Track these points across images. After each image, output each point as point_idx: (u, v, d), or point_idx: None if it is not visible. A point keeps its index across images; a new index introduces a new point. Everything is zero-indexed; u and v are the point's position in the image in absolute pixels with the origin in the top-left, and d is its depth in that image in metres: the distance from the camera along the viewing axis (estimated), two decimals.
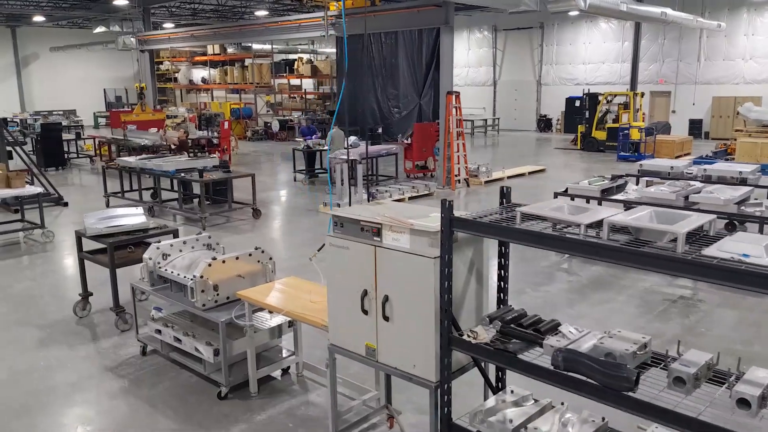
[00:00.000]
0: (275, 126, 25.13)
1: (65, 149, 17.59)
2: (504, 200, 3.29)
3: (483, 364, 3.34)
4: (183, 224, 10.44)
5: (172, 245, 5.15)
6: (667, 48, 24.40)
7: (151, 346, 5.37)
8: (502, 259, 3.38)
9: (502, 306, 3.40)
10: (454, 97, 13.33)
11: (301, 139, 15.46)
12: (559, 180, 15.11)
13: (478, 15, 27.49)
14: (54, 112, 27.14)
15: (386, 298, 3.28)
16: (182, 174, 10.39)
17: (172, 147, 14.23)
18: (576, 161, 18.38)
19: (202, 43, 24.77)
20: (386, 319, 3.30)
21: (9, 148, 11.97)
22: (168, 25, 26.79)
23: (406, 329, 3.23)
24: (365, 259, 3.37)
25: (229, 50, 29.04)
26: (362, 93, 25.08)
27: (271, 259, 4.99)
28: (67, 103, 31.18)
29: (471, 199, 12.71)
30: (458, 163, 13.69)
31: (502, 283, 3.42)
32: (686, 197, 7.53)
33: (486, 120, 28.30)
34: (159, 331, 5.05)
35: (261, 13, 24.88)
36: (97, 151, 18.54)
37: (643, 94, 20.02)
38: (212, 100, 29.91)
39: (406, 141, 14.80)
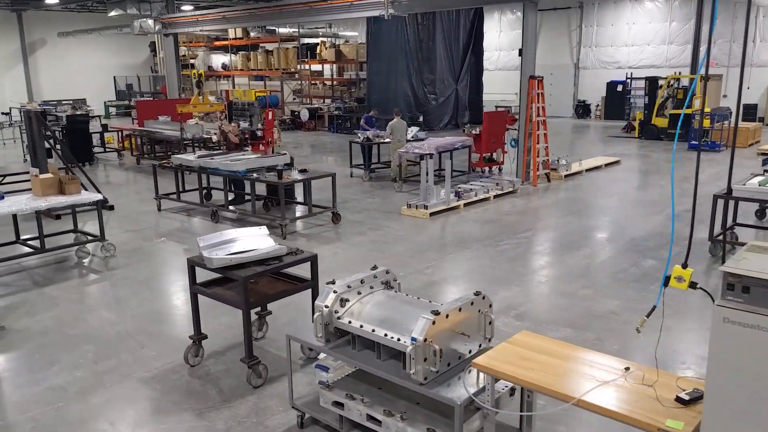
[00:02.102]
0: (304, 115, 23.70)
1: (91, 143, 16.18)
2: None
3: None
4: None
5: (349, 287, 3.86)
6: (719, 29, 23.01)
7: (308, 414, 4.12)
8: None
9: None
10: (537, 82, 12.02)
11: (359, 132, 14.11)
12: (640, 173, 13.87)
13: None
14: (63, 102, 25.53)
15: None
16: (254, 174, 9.03)
17: (221, 141, 12.93)
18: (642, 151, 17.10)
19: (235, 26, 23.19)
20: None
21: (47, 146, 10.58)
22: (186, 7, 25.21)
23: None
24: None
25: (252, 34, 27.39)
26: (395, 78, 23.65)
27: (491, 306, 3.71)
28: (75, 92, 29.54)
29: (556, 197, 11.40)
30: (538, 156, 12.40)
31: None
32: None
33: (520, 106, 26.89)
34: (339, 404, 3.77)
35: None
36: (125, 145, 17.13)
37: (709, 78, 18.72)
38: (234, 87, 28.32)
39: (474, 132, 13.48)
